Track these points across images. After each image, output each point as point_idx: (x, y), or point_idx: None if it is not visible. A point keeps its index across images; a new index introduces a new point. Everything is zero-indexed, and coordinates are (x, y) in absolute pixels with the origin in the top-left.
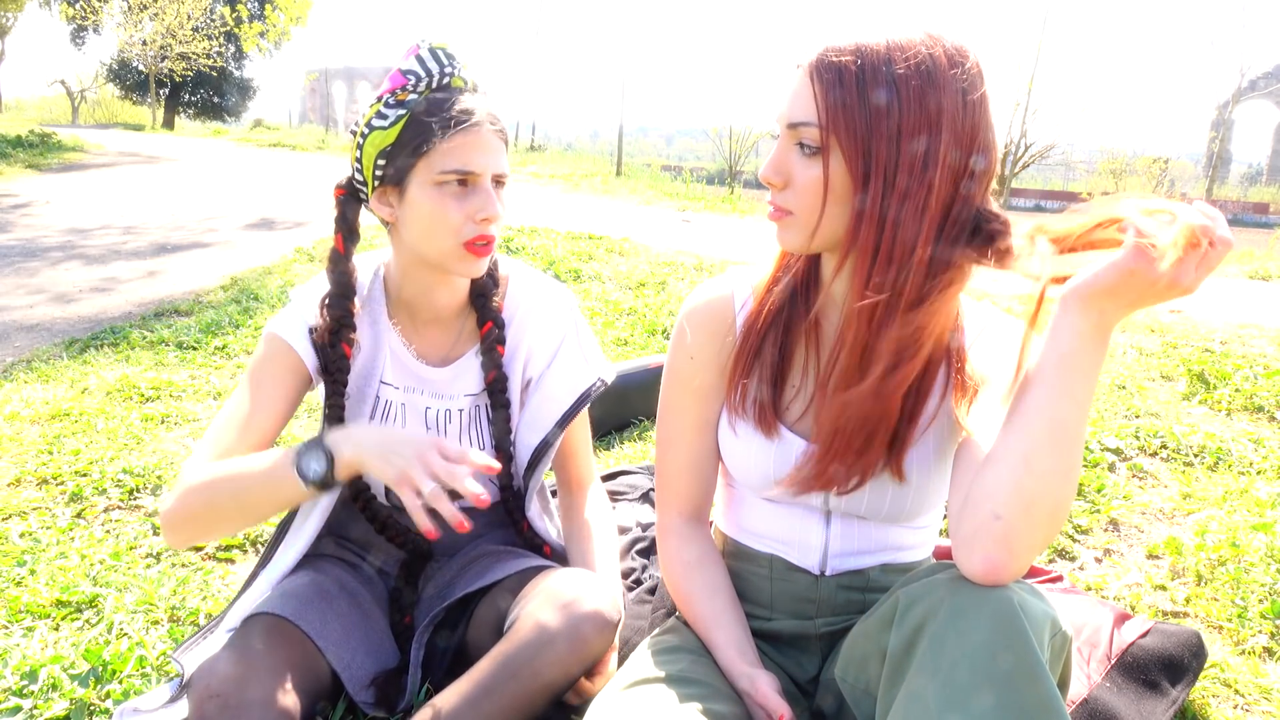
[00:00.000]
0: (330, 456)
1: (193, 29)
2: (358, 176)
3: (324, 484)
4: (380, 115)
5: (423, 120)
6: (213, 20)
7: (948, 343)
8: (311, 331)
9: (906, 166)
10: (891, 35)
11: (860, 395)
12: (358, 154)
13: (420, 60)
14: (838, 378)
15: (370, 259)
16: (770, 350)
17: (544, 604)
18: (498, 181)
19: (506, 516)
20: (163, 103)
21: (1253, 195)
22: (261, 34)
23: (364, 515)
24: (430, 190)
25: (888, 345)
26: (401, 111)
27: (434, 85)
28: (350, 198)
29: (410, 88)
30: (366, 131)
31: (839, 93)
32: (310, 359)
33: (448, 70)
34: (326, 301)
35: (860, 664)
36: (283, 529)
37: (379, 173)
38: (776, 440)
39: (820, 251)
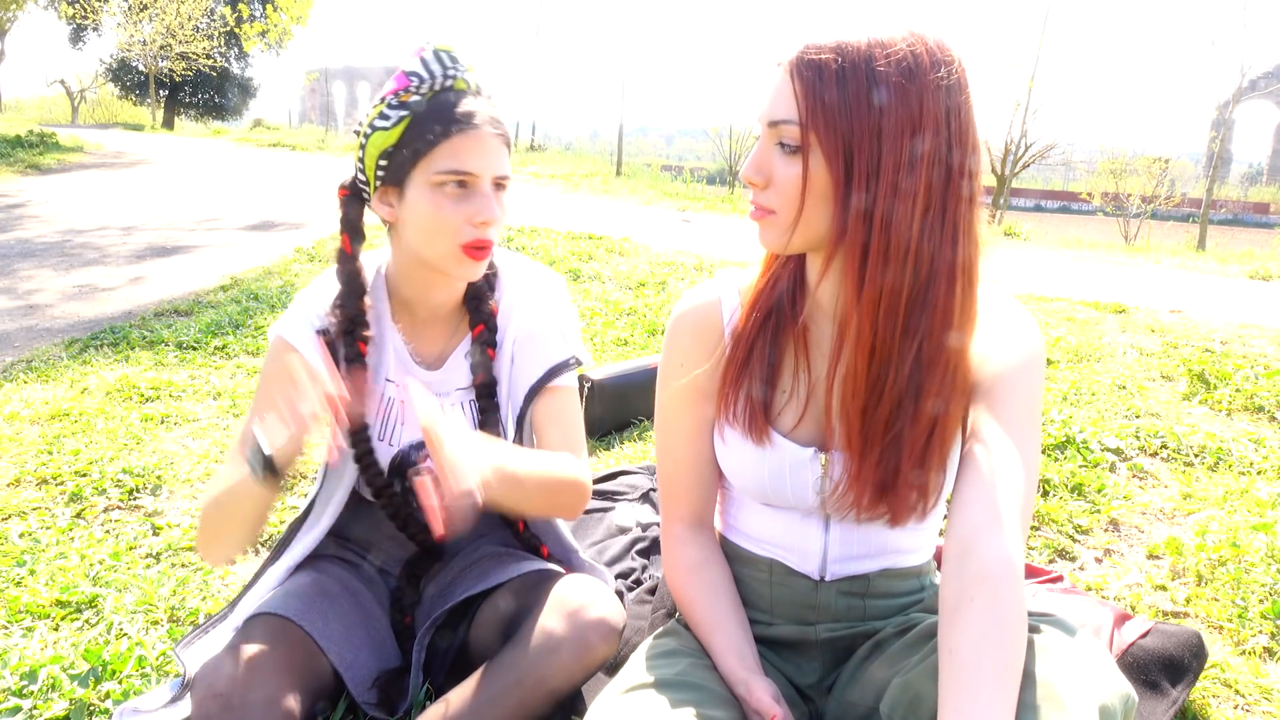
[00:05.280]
0: (255, 438)
1: (193, 29)
2: (360, 176)
3: (266, 465)
4: (383, 116)
5: (424, 121)
6: (213, 20)
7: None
8: (322, 333)
9: (892, 164)
10: (874, 33)
11: (889, 410)
12: (360, 154)
13: (424, 62)
14: (846, 384)
15: (371, 259)
16: (760, 356)
17: (550, 611)
18: (498, 184)
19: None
20: (162, 103)
21: (1253, 195)
22: (262, 34)
23: (385, 511)
24: (428, 191)
25: (906, 352)
26: (404, 113)
27: (436, 87)
28: (353, 198)
29: (413, 89)
30: (369, 132)
31: (819, 90)
32: (316, 360)
33: (450, 73)
34: (339, 302)
35: (911, 705)
36: (293, 529)
37: (380, 173)
38: (768, 447)
39: (803, 252)
